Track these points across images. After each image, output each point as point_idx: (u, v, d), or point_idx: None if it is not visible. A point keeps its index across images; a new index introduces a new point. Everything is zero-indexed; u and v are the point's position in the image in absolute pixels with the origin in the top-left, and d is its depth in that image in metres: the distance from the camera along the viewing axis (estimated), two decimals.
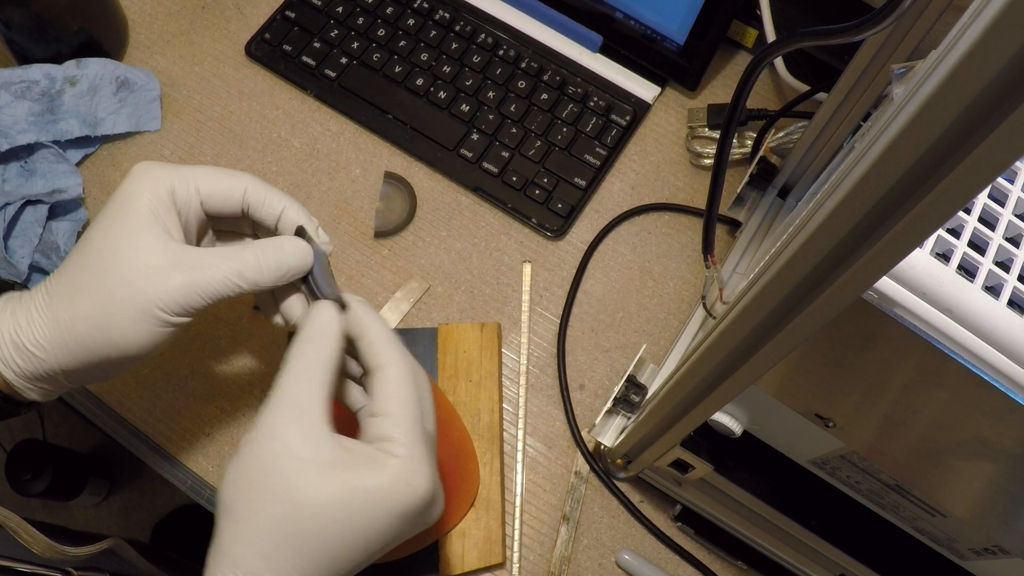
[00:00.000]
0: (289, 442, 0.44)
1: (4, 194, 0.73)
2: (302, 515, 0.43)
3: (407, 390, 0.47)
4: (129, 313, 0.48)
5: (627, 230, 0.80)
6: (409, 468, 0.45)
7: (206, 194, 0.52)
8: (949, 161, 0.25)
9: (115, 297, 0.48)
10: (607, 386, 0.74)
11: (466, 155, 0.81)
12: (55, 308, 0.49)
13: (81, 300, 0.49)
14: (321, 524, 0.43)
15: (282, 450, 0.44)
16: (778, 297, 0.35)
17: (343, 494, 0.43)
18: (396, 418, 0.46)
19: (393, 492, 0.44)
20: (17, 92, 0.75)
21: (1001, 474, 0.42)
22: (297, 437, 0.44)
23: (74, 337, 0.49)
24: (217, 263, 0.49)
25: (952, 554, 0.55)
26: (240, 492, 0.44)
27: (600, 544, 0.69)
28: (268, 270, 0.50)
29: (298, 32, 0.85)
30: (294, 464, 0.43)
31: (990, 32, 0.21)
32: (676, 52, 0.83)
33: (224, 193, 0.52)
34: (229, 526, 0.43)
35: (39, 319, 0.49)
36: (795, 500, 0.61)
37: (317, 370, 0.46)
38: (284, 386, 0.46)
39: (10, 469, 1.44)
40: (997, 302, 0.37)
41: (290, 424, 0.44)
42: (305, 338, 0.47)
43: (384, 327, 0.50)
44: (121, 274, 0.48)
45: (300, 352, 0.47)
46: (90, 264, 0.49)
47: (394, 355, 0.48)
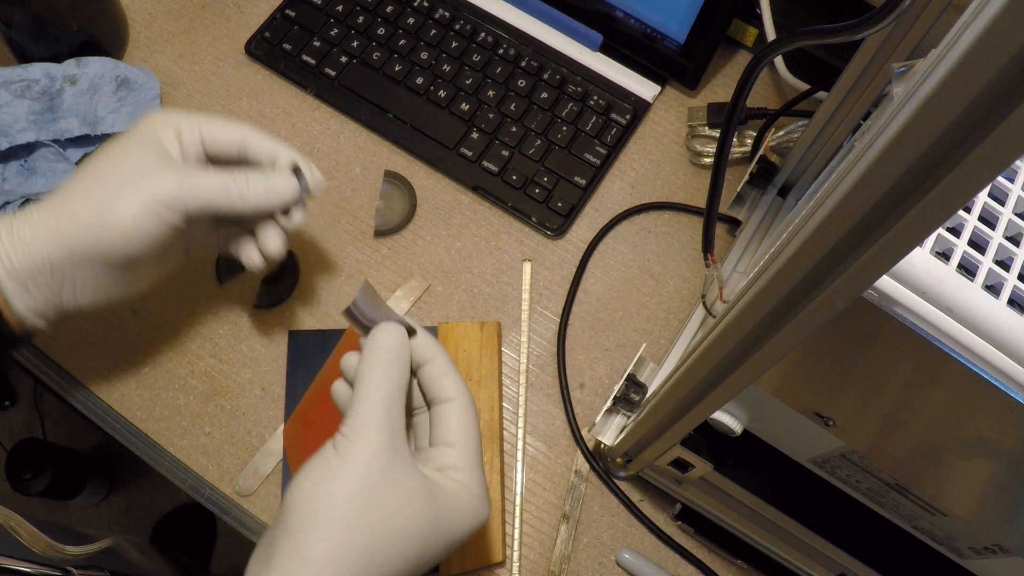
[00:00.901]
0: (387, 466, 0.46)
1: (4, 193, 0.73)
2: (394, 540, 0.45)
3: (473, 423, 0.51)
4: (125, 198, 0.52)
5: (627, 229, 0.80)
6: (477, 496, 0.49)
7: (207, 133, 0.57)
8: (949, 160, 0.25)
9: (113, 186, 0.52)
10: (607, 385, 0.74)
11: (466, 154, 0.81)
12: (53, 200, 0.53)
13: (79, 190, 0.53)
14: (407, 549, 0.45)
15: (380, 473, 0.45)
16: (778, 296, 0.35)
17: (430, 522, 0.46)
18: (465, 449, 0.50)
19: (467, 519, 0.48)
20: (17, 91, 0.75)
21: (1001, 473, 0.42)
22: (395, 463, 0.46)
23: (69, 220, 0.51)
24: (209, 176, 0.54)
25: (952, 553, 0.55)
26: (330, 504, 0.44)
27: (600, 543, 0.69)
28: (256, 191, 0.55)
29: (298, 31, 0.85)
30: (393, 490, 0.45)
31: (990, 31, 0.21)
32: (676, 51, 0.83)
33: (224, 133, 0.58)
34: (312, 534, 0.44)
35: (37, 211, 0.52)
36: (795, 499, 0.61)
37: (401, 394, 0.49)
38: (375, 403, 0.47)
39: (10, 468, 1.44)
40: (997, 301, 0.37)
41: (387, 448, 0.46)
42: (387, 360, 0.49)
43: (448, 357, 0.53)
44: (121, 170, 0.53)
45: (386, 372, 0.48)
46: (91, 170, 0.54)
47: (462, 388, 0.52)
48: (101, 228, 0.51)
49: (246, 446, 0.70)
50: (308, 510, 0.44)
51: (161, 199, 0.52)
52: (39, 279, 0.52)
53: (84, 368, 0.72)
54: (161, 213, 0.52)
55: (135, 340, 0.73)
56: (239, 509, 0.69)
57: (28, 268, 0.51)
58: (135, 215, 0.51)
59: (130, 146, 0.55)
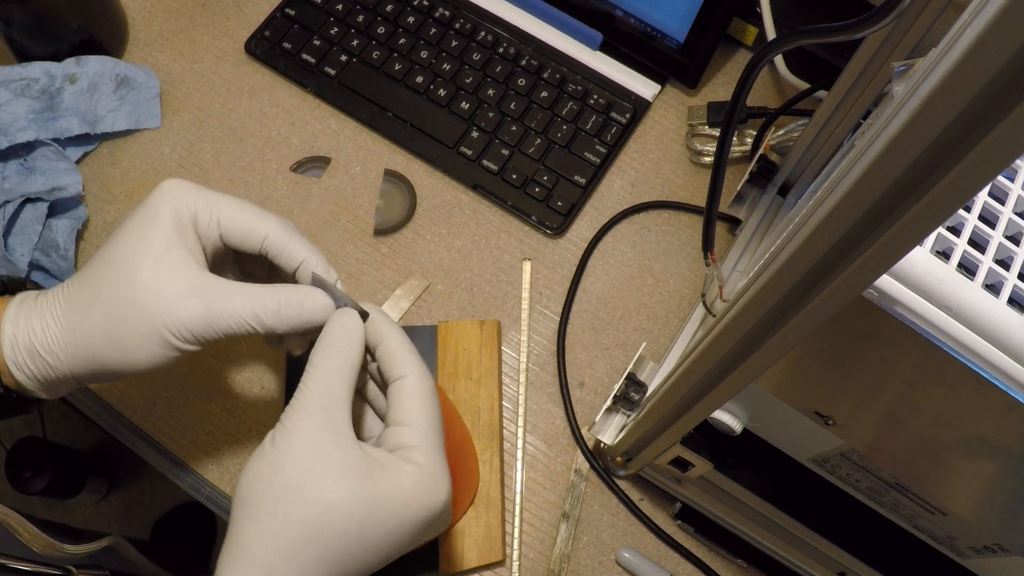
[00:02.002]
0: (319, 447, 0.44)
1: (4, 192, 0.73)
2: (327, 519, 0.44)
3: (428, 401, 0.48)
4: (142, 333, 0.48)
5: (627, 228, 0.80)
6: (430, 476, 0.46)
7: (226, 228, 0.51)
8: (949, 159, 0.25)
9: (130, 316, 0.48)
10: (607, 384, 0.74)
11: (466, 153, 0.81)
12: (70, 317, 0.49)
13: (97, 313, 0.48)
14: (344, 529, 0.44)
15: (311, 454, 0.44)
16: (778, 295, 0.35)
17: (368, 501, 0.44)
18: (417, 428, 0.47)
19: (416, 499, 0.45)
20: (17, 90, 0.75)
21: (1001, 472, 0.42)
22: (327, 442, 0.45)
23: (87, 348, 0.49)
24: (237, 301, 0.49)
25: (952, 552, 0.55)
26: (264, 491, 0.44)
27: (600, 542, 0.69)
28: (287, 319, 0.49)
29: (298, 30, 0.85)
30: (323, 469, 0.44)
31: (990, 30, 0.21)
32: (676, 50, 0.83)
33: (244, 233, 0.52)
34: (250, 524, 0.44)
35: (54, 326, 0.49)
36: (795, 498, 0.61)
37: (343, 376, 0.47)
38: (312, 389, 0.46)
39: (10, 467, 1.44)
40: (997, 300, 0.37)
41: (320, 429, 0.45)
42: (331, 343, 0.48)
43: (403, 336, 0.50)
44: (139, 293, 0.48)
45: (327, 356, 0.47)
46: (109, 276, 0.49)
47: (414, 366, 0.49)
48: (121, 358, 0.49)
49: (246, 445, 0.70)
50: (241, 497, 0.44)
51: (179, 332, 0.48)
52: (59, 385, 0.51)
53: None
54: (178, 347, 0.49)
55: None
56: None
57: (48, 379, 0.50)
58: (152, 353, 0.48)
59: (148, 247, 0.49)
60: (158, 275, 0.48)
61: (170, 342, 0.48)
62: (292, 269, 0.52)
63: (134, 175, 0.79)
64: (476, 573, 0.68)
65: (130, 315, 0.48)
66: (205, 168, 0.80)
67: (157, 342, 0.48)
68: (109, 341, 0.48)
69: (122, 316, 0.48)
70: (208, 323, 0.48)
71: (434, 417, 0.48)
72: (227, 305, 0.48)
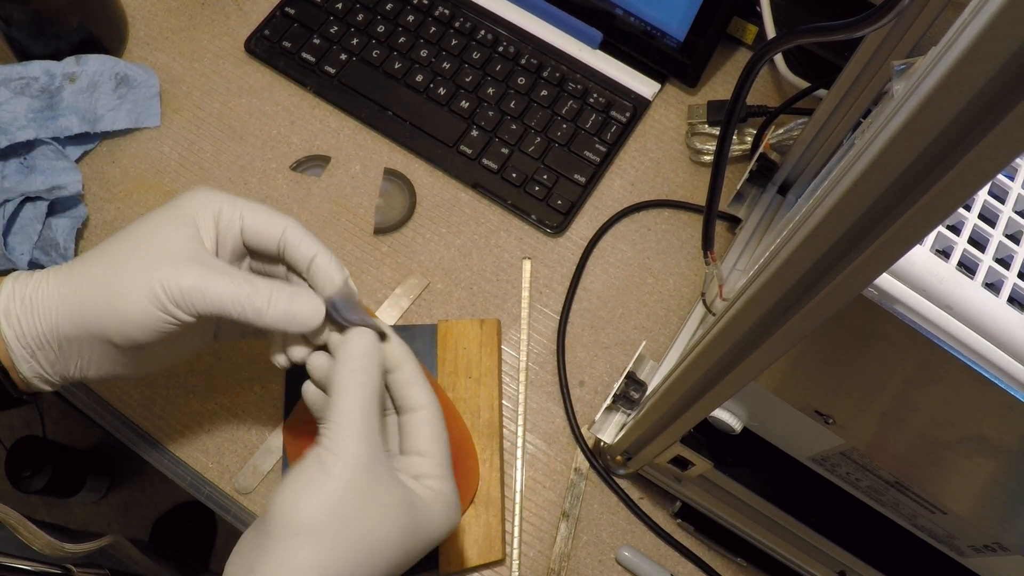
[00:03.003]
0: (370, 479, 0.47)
1: (3, 191, 0.73)
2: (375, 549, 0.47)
3: (440, 430, 0.52)
4: (134, 286, 0.49)
5: (627, 227, 0.80)
6: (447, 503, 0.51)
7: (248, 223, 0.53)
8: (949, 158, 0.25)
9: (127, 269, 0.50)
10: (607, 383, 0.74)
11: (466, 151, 0.81)
12: (71, 270, 0.51)
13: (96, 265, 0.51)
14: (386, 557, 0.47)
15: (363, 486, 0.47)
16: (778, 294, 0.35)
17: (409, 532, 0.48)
18: (434, 458, 0.51)
19: (438, 527, 0.50)
20: (17, 89, 0.75)
21: (1001, 471, 0.42)
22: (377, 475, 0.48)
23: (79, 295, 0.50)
24: (233, 279, 0.50)
25: (952, 551, 0.55)
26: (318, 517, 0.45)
27: (600, 541, 0.69)
28: (275, 311, 0.50)
29: (298, 28, 0.85)
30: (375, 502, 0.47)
31: (990, 29, 0.21)
32: (676, 49, 0.83)
33: (264, 227, 0.53)
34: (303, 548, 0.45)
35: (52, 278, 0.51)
36: (795, 497, 0.61)
37: (376, 402, 0.49)
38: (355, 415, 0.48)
39: (10, 466, 1.44)
40: (997, 299, 0.37)
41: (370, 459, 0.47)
42: (361, 367, 0.50)
43: (416, 364, 0.53)
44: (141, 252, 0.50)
45: (361, 383, 0.49)
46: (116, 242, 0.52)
47: (428, 397, 0.52)
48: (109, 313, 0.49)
49: (246, 444, 0.70)
50: (294, 521, 0.45)
51: (169, 296, 0.48)
52: (47, 348, 0.51)
53: None
54: (167, 309, 0.49)
55: None
56: (239, 507, 0.69)
57: (36, 336, 0.50)
58: (141, 309, 0.49)
59: (162, 224, 0.51)
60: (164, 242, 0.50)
61: (160, 298, 0.48)
62: (305, 264, 0.53)
63: (134, 174, 0.79)
64: (476, 572, 0.68)
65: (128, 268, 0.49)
66: (205, 167, 0.80)
67: (147, 296, 0.49)
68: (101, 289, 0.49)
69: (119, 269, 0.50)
70: (201, 290, 0.49)
71: (447, 446, 0.53)
72: (223, 280, 0.49)
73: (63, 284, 0.50)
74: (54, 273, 0.51)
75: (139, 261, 0.49)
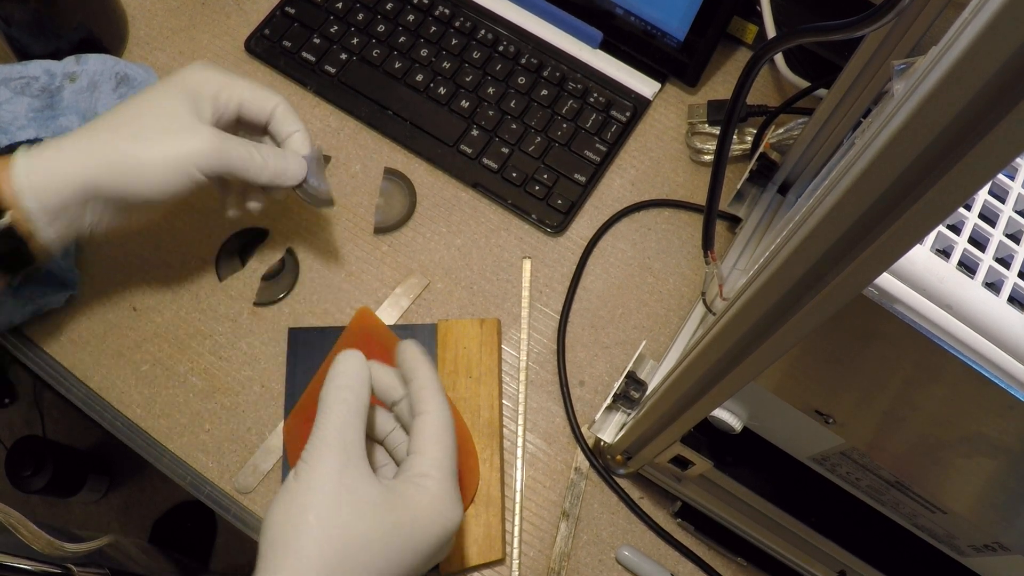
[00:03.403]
0: (342, 482, 0.48)
1: None
2: (352, 551, 0.47)
3: (446, 435, 0.53)
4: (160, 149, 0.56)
5: (627, 226, 0.80)
6: (441, 501, 0.51)
7: (247, 100, 0.62)
8: (949, 158, 0.25)
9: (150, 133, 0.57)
10: (607, 382, 0.74)
11: (466, 151, 0.81)
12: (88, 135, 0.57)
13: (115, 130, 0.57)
14: (369, 559, 0.47)
15: (335, 489, 0.48)
16: (778, 294, 0.35)
17: (390, 530, 0.48)
18: (431, 457, 0.52)
19: (430, 524, 0.50)
20: (17, 88, 0.75)
21: (1001, 471, 0.42)
22: (349, 477, 0.48)
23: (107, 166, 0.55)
24: (240, 144, 0.59)
25: (952, 551, 0.55)
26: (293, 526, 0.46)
27: (600, 540, 0.70)
28: (272, 167, 0.61)
29: (298, 28, 0.85)
30: (347, 503, 0.47)
31: (990, 28, 0.21)
32: (676, 48, 0.83)
33: (260, 103, 0.63)
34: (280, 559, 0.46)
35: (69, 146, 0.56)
36: (795, 496, 0.61)
37: (358, 415, 0.51)
38: (330, 428, 0.50)
39: (10, 465, 1.44)
40: (997, 298, 0.37)
41: (342, 465, 0.48)
42: (344, 384, 0.52)
43: (432, 372, 0.55)
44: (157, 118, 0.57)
45: (342, 399, 0.51)
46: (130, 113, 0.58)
47: (438, 403, 0.54)
48: (134, 175, 0.55)
49: (246, 443, 0.70)
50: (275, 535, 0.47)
51: (193, 159, 0.56)
52: (67, 212, 0.55)
53: (84, 365, 0.72)
54: (190, 171, 0.56)
55: (134, 337, 0.73)
56: (239, 507, 0.69)
57: (61, 202, 0.54)
58: (168, 169, 0.56)
59: (170, 94, 0.58)
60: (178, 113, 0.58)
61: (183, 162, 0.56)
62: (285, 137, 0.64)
63: None
64: (476, 571, 0.68)
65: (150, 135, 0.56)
66: None
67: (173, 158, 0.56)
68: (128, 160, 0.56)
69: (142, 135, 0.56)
70: (219, 149, 0.58)
71: (450, 447, 0.53)
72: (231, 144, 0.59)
73: (86, 155, 0.55)
74: (72, 143, 0.55)
75: (159, 125, 0.56)
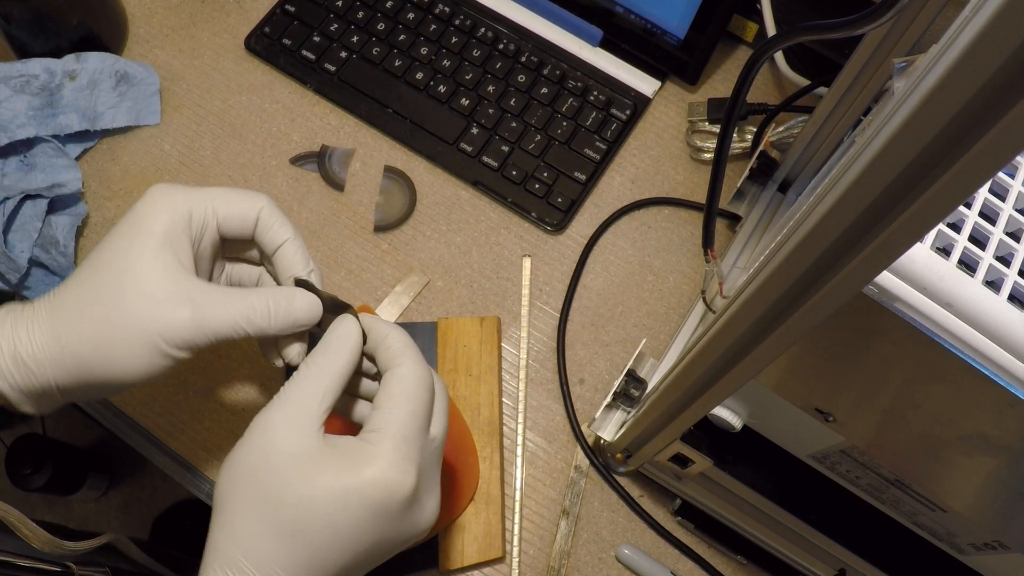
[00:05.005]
0: (277, 439, 0.44)
1: (3, 188, 0.73)
2: (287, 511, 0.43)
3: (412, 388, 0.47)
4: (132, 342, 0.47)
5: (627, 224, 0.80)
6: (391, 465, 0.44)
7: (223, 216, 0.51)
8: (950, 156, 0.25)
9: (119, 324, 0.47)
10: (607, 380, 0.74)
11: (466, 149, 0.81)
12: (57, 325, 0.48)
13: (84, 321, 0.48)
14: (306, 520, 0.43)
15: (270, 446, 0.44)
16: (778, 292, 0.35)
17: (327, 490, 0.43)
18: (391, 412, 0.46)
19: (374, 489, 0.44)
20: (16, 86, 0.75)
21: (1001, 469, 0.42)
22: (286, 434, 0.44)
23: (74, 357, 0.48)
24: (227, 304, 0.48)
25: (952, 549, 0.55)
26: (230, 488, 0.44)
27: (600, 538, 0.70)
28: (277, 320, 0.49)
29: (298, 26, 0.85)
30: (281, 460, 0.44)
31: (991, 27, 0.21)
32: (676, 46, 0.83)
33: (241, 214, 0.52)
34: (218, 521, 0.44)
35: (40, 335, 0.48)
36: (795, 495, 0.61)
37: (323, 379, 0.46)
38: (287, 390, 0.46)
39: (10, 464, 1.44)
40: (997, 297, 0.37)
41: (282, 423, 0.45)
42: (320, 350, 0.48)
43: (402, 334, 0.49)
44: (128, 301, 0.47)
45: (311, 362, 0.47)
46: (96, 284, 0.48)
47: (409, 357, 0.48)
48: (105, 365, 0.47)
49: None
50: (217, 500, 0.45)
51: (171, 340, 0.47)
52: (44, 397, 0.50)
53: None
54: (168, 352, 0.47)
55: None
56: None
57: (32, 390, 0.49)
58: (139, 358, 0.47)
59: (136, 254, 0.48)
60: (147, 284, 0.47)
61: (162, 349, 0.47)
62: (273, 248, 0.52)
63: (134, 172, 0.79)
64: (476, 570, 0.68)
65: (119, 323, 0.47)
66: (205, 164, 0.80)
67: (148, 350, 0.47)
68: (96, 348, 0.47)
69: (111, 325, 0.47)
70: (200, 328, 0.47)
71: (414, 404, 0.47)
72: (218, 309, 0.48)
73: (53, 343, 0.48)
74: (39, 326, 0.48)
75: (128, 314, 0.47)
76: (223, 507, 0.44)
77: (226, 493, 0.44)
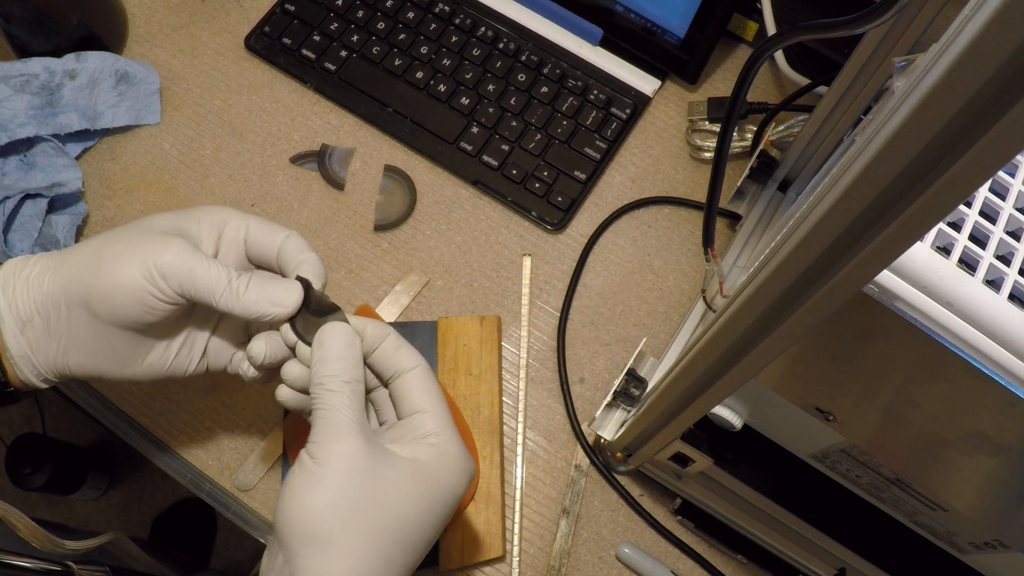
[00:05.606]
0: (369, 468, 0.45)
1: (3, 188, 0.73)
2: (399, 533, 0.45)
3: (436, 386, 0.51)
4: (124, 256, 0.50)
5: (627, 223, 0.80)
6: (458, 455, 0.49)
7: (252, 234, 0.54)
8: (950, 155, 0.24)
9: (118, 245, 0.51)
10: (607, 379, 0.74)
11: (466, 148, 0.81)
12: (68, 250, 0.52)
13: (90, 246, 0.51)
14: (410, 534, 0.46)
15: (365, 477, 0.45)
16: (778, 291, 0.35)
17: (425, 500, 0.47)
18: (435, 414, 0.49)
19: (456, 481, 0.48)
20: (17, 86, 0.75)
21: (1001, 468, 0.42)
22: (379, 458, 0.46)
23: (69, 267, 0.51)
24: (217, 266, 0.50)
25: (952, 548, 0.55)
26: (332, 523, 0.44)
27: (600, 537, 0.70)
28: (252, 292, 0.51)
29: (298, 25, 0.85)
30: (381, 488, 0.45)
31: (991, 26, 0.21)
32: (676, 45, 0.83)
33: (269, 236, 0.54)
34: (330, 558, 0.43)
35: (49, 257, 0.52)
36: (795, 494, 0.61)
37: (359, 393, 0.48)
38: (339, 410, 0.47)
39: (10, 463, 1.44)
40: (998, 296, 0.37)
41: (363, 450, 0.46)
42: (339, 356, 0.49)
43: (395, 334, 0.52)
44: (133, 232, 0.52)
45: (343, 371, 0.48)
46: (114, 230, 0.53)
47: (414, 358, 0.51)
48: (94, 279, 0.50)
49: (246, 441, 0.70)
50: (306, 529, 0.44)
51: (157, 266, 0.49)
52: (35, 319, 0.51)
53: None
54: (152, 279, 0.49)
55: None
56: (239, 504, 0.69)
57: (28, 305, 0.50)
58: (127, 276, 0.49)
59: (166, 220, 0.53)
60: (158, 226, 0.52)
61: (148, 268, 0.49)
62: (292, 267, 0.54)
63: (134, 171, 0.79)
64: (476, 569, 0.68)
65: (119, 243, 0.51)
66: (205, 164, 0.80)
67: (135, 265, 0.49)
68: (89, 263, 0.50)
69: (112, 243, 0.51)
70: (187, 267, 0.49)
71: (444, 400, 0.51)
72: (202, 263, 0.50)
73: (58, 260, 0.51)
74: (54, 254, 0.52)
75: (129, 239, 0.51)
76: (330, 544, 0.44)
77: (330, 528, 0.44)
